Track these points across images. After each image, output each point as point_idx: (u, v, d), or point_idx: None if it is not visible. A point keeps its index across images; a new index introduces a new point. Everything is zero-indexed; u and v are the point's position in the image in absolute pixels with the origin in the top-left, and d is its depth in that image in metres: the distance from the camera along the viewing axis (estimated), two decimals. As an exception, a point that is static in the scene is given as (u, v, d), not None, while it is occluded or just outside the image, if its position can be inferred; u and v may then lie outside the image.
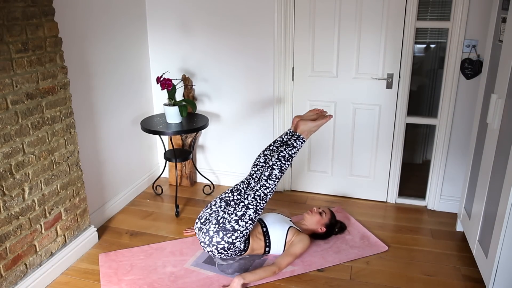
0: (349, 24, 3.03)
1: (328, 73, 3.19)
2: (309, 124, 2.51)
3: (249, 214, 2.38)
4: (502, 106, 2.15)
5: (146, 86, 3.53)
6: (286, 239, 2.57)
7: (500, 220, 2.06)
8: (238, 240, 2.39)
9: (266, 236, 2.56)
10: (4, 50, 2.00)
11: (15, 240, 2.18)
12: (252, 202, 2.40)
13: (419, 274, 2.49)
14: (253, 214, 2.40)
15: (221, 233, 2.36)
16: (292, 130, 2.63)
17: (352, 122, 3.26)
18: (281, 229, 2.59)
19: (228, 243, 2.38)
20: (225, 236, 2.36)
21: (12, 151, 2.10)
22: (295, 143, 2.48)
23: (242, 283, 2.31)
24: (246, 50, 3.26)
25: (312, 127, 2.51)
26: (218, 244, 2.38)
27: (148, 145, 3.65)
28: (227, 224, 2.36)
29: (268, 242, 2.56)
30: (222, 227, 2.36)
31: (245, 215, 2.38)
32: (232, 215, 2.37)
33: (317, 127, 2.52)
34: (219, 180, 3.73)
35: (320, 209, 2.77)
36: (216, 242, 2.38)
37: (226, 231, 2.36)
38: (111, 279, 2.42)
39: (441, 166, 3.14)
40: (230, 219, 2.37)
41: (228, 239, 2.37)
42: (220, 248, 2.39)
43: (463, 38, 2.81)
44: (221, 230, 2.36)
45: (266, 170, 2.45)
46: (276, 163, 2.44)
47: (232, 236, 2.37)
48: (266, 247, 2.56)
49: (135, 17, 3.26)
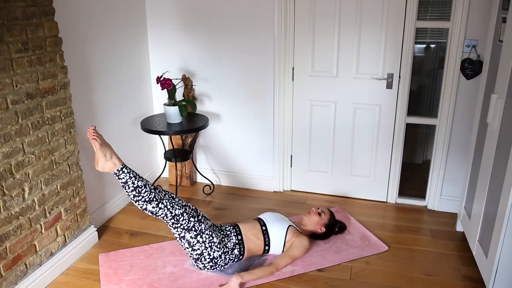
0: (349, 24, 3.03)
1: (328, 73, 3.19)
2: (101, 159, 2.28)
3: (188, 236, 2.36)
4: (502, 106, 2.15)
5: (146, 86, 3.53)
6: (285, 238, 2.57)
7: (500, 220, 2.06)
8: (217, 252, 2.40)
9: (265, 235, 2.56)
10: (4, 50, 2.00)
11: (15, 240, 2.18)
12: (179, 230, 2.37)
13: (419, 274, 2.49)
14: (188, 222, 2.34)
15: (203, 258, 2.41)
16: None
17: (352, 122, 3.26)
18: (280, 228, 2.59)
19: (212, 260, 2.41)
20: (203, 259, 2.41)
21: (12, 151, 2.10)
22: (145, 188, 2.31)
23: (240, 282, 2.31)
24: (246, 50, 3.26)
25: (100, 157, 2.28)
26: (207, 264, 2.43)
27: (148, 145, 3.65)
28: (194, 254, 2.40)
29: (268, 241, 2.56)
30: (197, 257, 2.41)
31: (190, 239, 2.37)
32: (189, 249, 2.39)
33: (97, 155, 2.28)
34: (219, 180, 3.73)
35: (319, 209, 2.77)
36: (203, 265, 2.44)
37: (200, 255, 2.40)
38: (111, 279, 2.42)
39: (441, 166, 3.14)
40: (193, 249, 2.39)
41: (210, 257, 2.40)
42: (211, 265, 2.44)
43: (463, 38, 2.81)
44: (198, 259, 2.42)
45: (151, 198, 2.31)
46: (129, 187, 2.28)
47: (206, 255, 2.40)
48: (265, 245, 2.56)
49: (135, 16, 3.26)
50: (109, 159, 2.27)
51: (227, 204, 3.36)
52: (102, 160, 2.25)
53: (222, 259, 2.43)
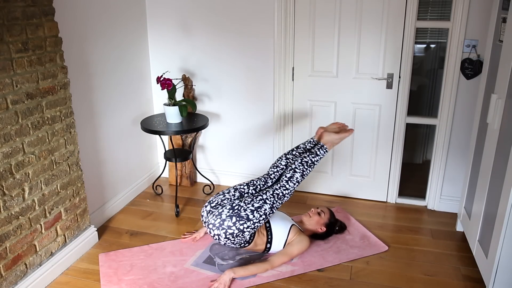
0: (349, 24, 3.03)
1: (328, 73, 3.19)
2: (332, 135, 2.62)
3: (265, 208, 2.41)
4: (502, 106, 2.15)
5: (146, 86, 3.53)
6: (287, 237, 2.58)
7: (500, 220, 2.06)
8: (248, 230, 2.39)
9: (268, 232, 2.57)
10: (4, 50, 2.00)
11: (15, 240, 2.18)
12: (270, 199, 2.44)
13: (419, 274, 2.49)
14: (269, 210, 2.42)
15: (234, 219, 2.36)
16: (316, 139, 2.70)
17: (352, 122, 3.26)
18: (283, 226, 2.60)
19: (238, 230, 2.37)
20: (237, 222, 2.36)
21: (12, 151, 2.10)
22: (319, 152, 2.57)
23: (232, 276, 2.33)
24: (246, 50, 3.26)
25: (335, 139, 2.63)
26: (228, 229, 2.37)
27: (148, 145, 3.65)
28: (242, 211, 2.38)
29: (270, 238, 2.56)
30: (236, 213, 2.37)
31: (261, 208, 2.40)
32: (249, 205, 2.40)
33: (339, 139, 2.63)
34: (219, 180, 3.73)
35: (318, 209, 2.77)
36: (227, 226, 2.37)
37: (240, 218, 2.37)
38: (111, 279, 2.42)
39: (441, 166, 3.14)
40: (246, 208, 2.39)
41: (239, 226, 2.37)
42: (229, 233, 2.38)
43: (463, 38, 2.81)
44: (234, 216, 2.37)
45: (288, 172, 2.51)
46: (299, 167, 2.51)
47: (244, 224, 2.37)
48: (267, 243, 2.57)
49: (135, 16, 3.26)
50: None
51: (227, 204, 3.36)
52: (333, 135, 2.60)
53: (239, 238, 2.42)
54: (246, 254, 2.65)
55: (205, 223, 2.49)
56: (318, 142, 2.67)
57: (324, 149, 2.60)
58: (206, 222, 2.49)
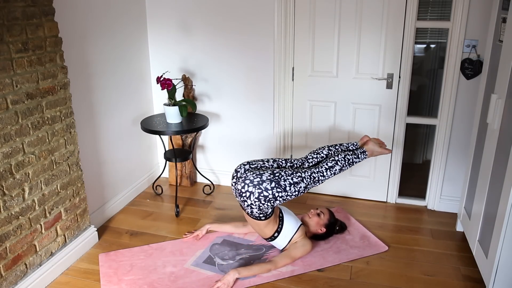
0: (349, 24, 3.03)
1: (328, 73, 3.19)
2: (376, 147, 2.74)
3: (300, 186, 2.43)
4: (502, 106, 2.15)
5: (146, 86, 3.53)
6: (294, 234, 2.59)
7: (500, 220, 2.06)
8: (279, 200, 2.38)
9: (280, 222, 2.58)
10: (4, 50, 2.00)
11: (15, 240, 2.18)
12: (307, 179, 2.46)
13: (419, 274, 2.49)
14: (302, 189, 2.44)
15: (274, 184, 2.35)
16: (359, 144, 2.79)
17: (352, 122, 3.26)
18: (294, 223, 2.62)
19: (272, 196, 2.35)
20: (275, 188, 2.35)
21: (12, 151, 2.10)
22: (360, 155, 2.66)
23: (236, 277, 2.33)
24: (246, 50, 3.26)
25: (376, 150, 2.74)
26: (265, 191, 2.34)
27: (148, 145, 3.65)
28: (281, 180, 2.38)
29: (280, 228, 2.57)
30: (276, 180, 2.37)
31: (297, 184, 2.42)
32: (288, 177, 2.41)
33: (378, 153, 2.76)
34: (219, 180, 3.73)
35: (317, 210, 2.77)
36: (265, 187, 2.34)
37: (278, 186, 2.36)
38: (111, 279, 2.42)
39: (441, 166, 3.14)
40: (286, 178, 2.40)
41: (275, 192, 2.35)
42: (263, 195, 2.34)
43: (463, 38, 2.81)
44: (274, 181, 2.37)
45: (330, 162, 2.55)
46: (341, 161, 2.57)
47: (280, 193, 2.36)
48: (276, 232, 2.57)
49: (135, 16, 3.26)
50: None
51: (227, 204, 3.36)
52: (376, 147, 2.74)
53: (268, 205, 2.39)
54: (246, 254, 2.65)
55: (240, 178, 2.44)
56: (361, 147, 2.77)
57: (365, 154, 2.69)
58: (241, 177, 2.44)
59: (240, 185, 2.38)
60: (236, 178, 2.51)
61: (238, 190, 2.40)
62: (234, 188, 2.48)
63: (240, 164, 2.58)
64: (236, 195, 2.46)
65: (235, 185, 2.46)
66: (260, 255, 2.65)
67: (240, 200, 2.41)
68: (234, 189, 2.48)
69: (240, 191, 2.38)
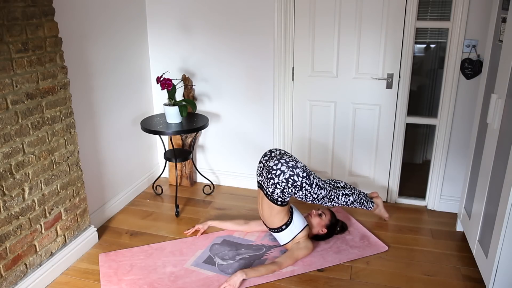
0: (349, 24, 3.03)
1: (328, 73, 3.19)
2: (381, 205, 3.01)
3: (321, 192, 2.56)
4: (502, 106, 2.15)
5: (146, 86, 3.53)
6: (299, 233, 2.61)
7: (500, 220, 2.06)
8: (303, 191, 2.46)
9: (291, 216, 2.62)
10: (4, 50, 2.00)
11: (15, 240, 2.18)
12: (327, 190, 2.61)
13: (419, 274, 2.49)
14: (321, 196, 2.56)
15: (306, 174, 2.45)
16: (369, 196, 3.02)
17: (352, 122, 3.26)
18: (301, 222, 2.64)
19: (300, 183, 2.43)
20: (305, 178, 2.44)
21: (12, 151, 2.10)
22: (369, 202, 2.90)
23: (243, 278, 2.33)
24: (246, 49, 3.26)
25: (381, 208, 3.01)
26: (296, 176, 2.42)
27: (148, 145, 3.65)
28: (311, 176, 2.51)
29: (289, 222, 2.59)
30: (308, 173, 2.49)
31: (321, 188, 2.55)
32: (317, 179, 2.56)
33: (380, 213, 3.03)
34: (219, 180, 3.73)
35: (319, 210, 2.77)
36: (297, 173, 2.42)
37: (309, 178, 2.46)
38: (111, 279, 2.42)
39: (441, 166, 3.14)
40: (315, 177, 2.55)
41: (304, 182, 2.44)
42: (292, 179, 2.41)
43: (463, 38, 2.81)
44: (306, 173, 2.47)
45: (347, 190, 2.78)
46: (356, 194, 2.81)
47: (307, 185, 2.45)
48: (285, 224, 2.58)
49: (135, 16, 3.26)
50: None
51: (227, 204, 3.36)
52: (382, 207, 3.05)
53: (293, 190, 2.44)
54: (246, 254, 2.65)
55: (274, 157, 2.54)
56: (371, 198, 3.00)
57: (372, 205, 2.92)
58: (276, 156, 2.54)
59: (273, 162, 2.45)
60: (270, 157, 2.59)
61: (269, 167, 2.46)
62: (263, 165, 2.57)
63: (275, 148, 2.68)
64: (262, 172, 2.54)
65: (267, 162, 2.54)
66: (260, 255, 2.65)
67: (266, 178, 2.46)
68: (262, 166, 2.57)
69: (271, 167, 2.44)
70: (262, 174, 2.53)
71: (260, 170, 2.57)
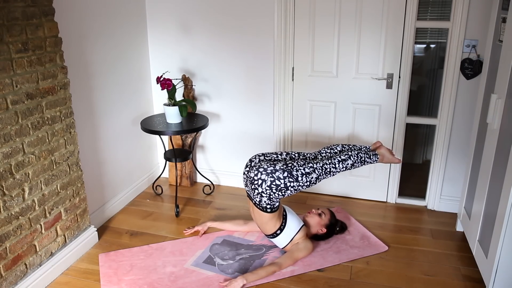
0: (349, 24, 3.03)
1: (328, 73, 3.19)
2: (387, 153, 2.74)
3: (312, 176, 2.45)
4: (502, 106, 2.15)
5: (146, 86, 3.53)
6: (295, 235, 2.59)
7: (500, 220, 2.06)
8: (290, 190, 2.41)
9: (284, 219, 2.59)
10: (4, 50, 2.00)
11: (15, 240, 2.18)
12: (319, 169, 2.49)
13: (419, 274, 2.49)
14: (314, 179, 2.47)
15: (286, 173, 2.39)
16: (371, 148, 2.81)
17: (352, 122, 3.26)
18: (296, 223, 2.62)
19: (284, 185, 2.38)
20: (287, 178, 2.39)
21: (12, 151, 2.10)
22: (371, 157, 2.69)
23: (244, 283, 2.31)
24: (246, 50, 3.26)
25: (387, 156, 2.74)
26: (277, 180, 2.37)
27: (148, 145, 3.65)
28: (294, 170, 2.42)
29: (283, 226, 2.58)
30: (289, 170, 2.41)
31: (309, 175, 2.44)
32: (300, 168, 2.45)
33: (388, 160, 2.76)
34: (219, 180, 3.73)
35: (319, 210, 2.77)
36: (277, 176, 2.38)
37: (291, 175, 2.40)
38: (111, 279, 2.42)
39: (441, 166, 3.14)
40: (298, 169, 2.44)
41: (287, 182, 2.39)
42: (275, 184, 2.37)
43: (463, 38, 2.81)
44: (287, 171, 2.41)
45: (343, 155, 2.58)
46: (354, 157, 2.61)
47: (291, 183, 2.40)
48: (279, 229, 2.57)
49: (135, 16, 3.26)
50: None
51: (227, 204, 3.36)
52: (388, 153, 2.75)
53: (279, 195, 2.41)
54: (246, 254, 2.65)
55: (253, 167, 2.48)
56: (373, 150, 2.79)
57: (376, 157, 2.71)
58: (255, 166, 2.48)
59: (253, 173, 2.42)
60: (250, 167, 2.55)
61: (251, 178, 2.44)
62: (246, 176, 2.53)
63: (255, 155, 2.63)
64: (247, 183, 2.51)
65: (248, 173, 2.50)
66: (260, 255, 2.65)
67: (251, 188, 2.44)
68: (245, 177, 2.53)
69: (252, 178, 2.42)
70: (247, 185, 2.52)
71: (245, 181, 2.55)
